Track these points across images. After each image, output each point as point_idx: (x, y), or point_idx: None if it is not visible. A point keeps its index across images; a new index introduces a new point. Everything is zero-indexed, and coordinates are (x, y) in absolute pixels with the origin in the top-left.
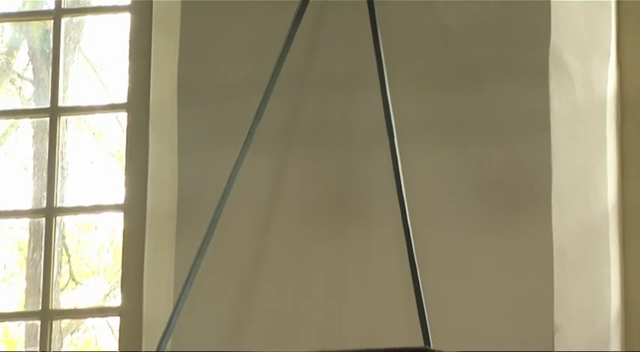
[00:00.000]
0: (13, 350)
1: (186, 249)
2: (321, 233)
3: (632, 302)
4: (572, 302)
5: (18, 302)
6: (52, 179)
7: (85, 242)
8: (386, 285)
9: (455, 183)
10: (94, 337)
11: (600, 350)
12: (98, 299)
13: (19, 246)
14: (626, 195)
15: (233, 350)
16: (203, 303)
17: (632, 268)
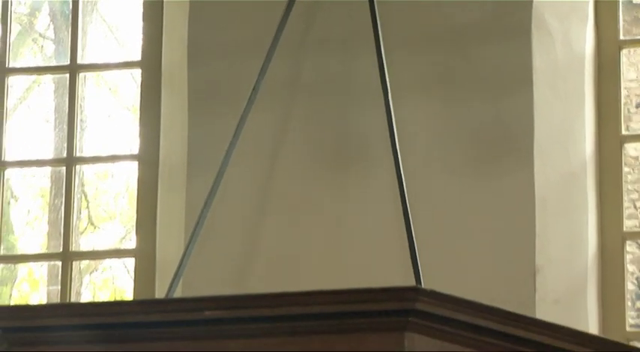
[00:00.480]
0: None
1: (196, 196)
2: (321, 181)
3: (607, 245)
4: (552, 245)
5: (41, 245)
6: (72, 131)
7: (103, 189)
8: (381, 229)
9: (444, 135)
10: (111, 277)
11: (578, 292)
12: (115, 242)
13: (42, 193)
14: (603, 146)
15: (240, 290)
16: (212, 246)
17: (607, 213)
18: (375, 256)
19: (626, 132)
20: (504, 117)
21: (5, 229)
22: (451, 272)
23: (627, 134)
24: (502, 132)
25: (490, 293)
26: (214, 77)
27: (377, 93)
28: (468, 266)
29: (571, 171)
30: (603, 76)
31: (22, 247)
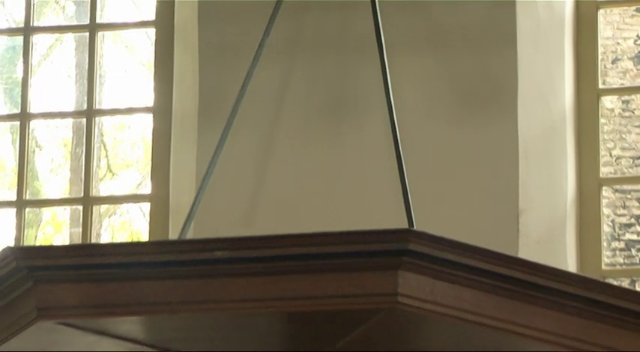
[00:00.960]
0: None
1: (207, 144)
2: (320, 130)
3: (585, 190)
4: (534, 190)
5: (63, 190)
6: (92, 85)
7: (120, 139)
8: (375, 174)
9: (435, 89)
10: (129, 220)
11: (558, 233)
12: (131, 188)
13: (64, 143)
14: (581, 99)
15: (247, 232)
16: (221, 191)
17: (585, 161)
18: (370, 200)
19: (602, 86)
20: (491, 72)
21: (30, 176)
22: (440, 215)
23: (604, 88)
24: (489, 87)
25: (477, 235)
26: (223, 35)
27: (372, 51)
28: (457, 210)
29: (552, 122)
30: (582, 35)
31: (46, 192)
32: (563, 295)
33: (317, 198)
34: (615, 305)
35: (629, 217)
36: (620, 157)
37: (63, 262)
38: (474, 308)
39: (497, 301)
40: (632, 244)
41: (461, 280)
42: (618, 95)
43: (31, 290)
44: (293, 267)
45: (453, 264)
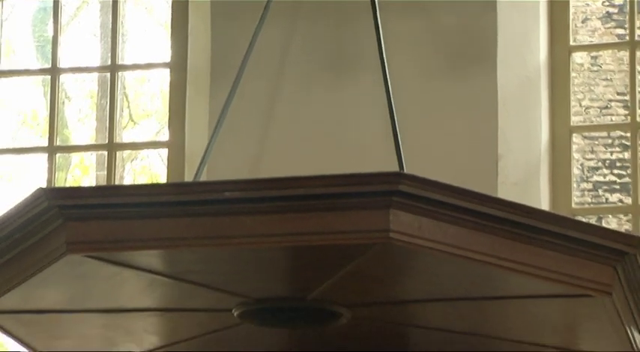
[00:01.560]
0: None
1: (219, 96)
2: (321, 83)
3: (557, 137)
4: (511, 137)
5: (90, 137)
6: (115, 43)
7: (140, 91)
8: (370, 123)
9: (423, 47)
10: (148, 164)
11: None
12: (151, 135)
13: (91, 95)
14: (554, 55)
15: (254, 174)
16: (232, 138)
17: (557, 110)
18: (365, 146)
19: (573, 43)
20: (473, 32)
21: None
22: (428, 159)
23: (574, 45)
24: (472, 45)
25: (460, 177)
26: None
27: (367, 14)
28: (442, 155)
29: (528, 75)
30: None
31: (75, 139)
32: (538, 231)
33: (317, 144)
34: (584, 240)
35: (596, 161)
36: (588, 107)
37: (90, 201)
38: (458, 243)
39: (478, 236)
40: (599, 185)
41: (446, 218)
42: (587, 51)
43: (60, 227)
44: (295, 206)
45: (439, 204)
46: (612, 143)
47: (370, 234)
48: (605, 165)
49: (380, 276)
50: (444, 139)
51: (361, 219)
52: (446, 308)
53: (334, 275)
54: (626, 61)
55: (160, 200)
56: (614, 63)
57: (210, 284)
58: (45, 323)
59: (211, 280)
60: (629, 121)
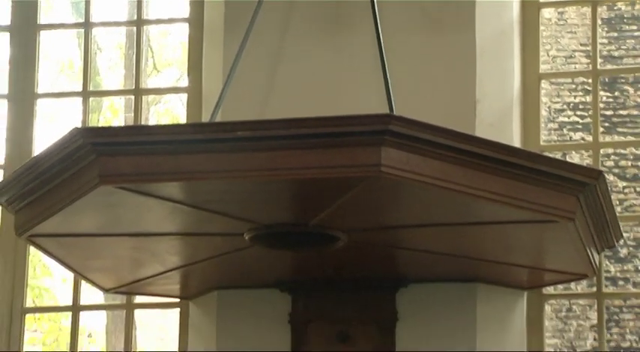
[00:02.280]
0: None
1: (232, 48)
2: (322, 36)
3: (528, 83)
4: (488, 83)
5: (119, 83)
6: (140, 0)
7: (163, 43)
8: (365, 71)
9: (410, 5)
10: (170, 107)
11: (507, 117)
12: (172, 82)
13: (119, 46)
14: (526, 11)
15: (263, 116)
16: (243, 85)
17: (528, 60)
18: (360, 91)
19: (542, 0)
20: None
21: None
22: (414, 103)
23: (543, 2)
24: (453, 3)
25: (443, 119)
26: None
27: None
28: (427, 99)
29: (502, 29)
30: None
31: (106, 85)
32: (511, 165)
33: (319, 89)
34: (550, 173)
35: (562, 104)
36: (555, 57)
37: (119, 139)
38: (442, 176)
39: (459, 170)
40: (563, 125)
41: (431, 154)
42: (555, 7)
43: (94, 162)
44: (298, 144)
45: (425, 142)
46: (576, 88)
47: (364, 168)
48: (570, 107)
49: (373, 205)
50: (429, 85)
51: (356, 155)
52: (430, 233)
53: (333, 204)
54: (588, 16)
55: (181, 138)
56: (577, 17)
57: (224, 212)
58: (80, 245)
59: (225, 208)
60: (590, 69)
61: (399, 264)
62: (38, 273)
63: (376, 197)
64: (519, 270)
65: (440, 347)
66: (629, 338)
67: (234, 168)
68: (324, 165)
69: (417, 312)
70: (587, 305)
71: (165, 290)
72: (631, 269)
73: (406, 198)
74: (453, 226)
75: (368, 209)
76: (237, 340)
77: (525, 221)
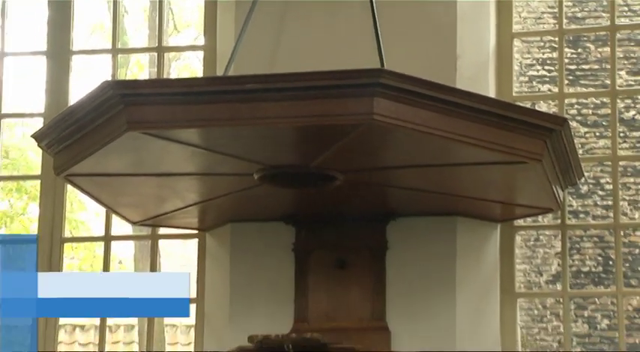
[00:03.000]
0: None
1: (243, 10)
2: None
3: (502, 41)
4: (467, 41)
5: (144, 42)
6: None
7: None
8: (359, 31)
9: None
10: (189, 63)
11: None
12: (190, 41)
13: (144, 9)
14: None
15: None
16: (253, 43)
17: (502, 20)
18: (356, 49)
19: None
20: None
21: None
22: (402, 59)
23: None
24: None
25: (427, 73)
26: None
27: None
28: (414, 55)
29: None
30: None
31: (132, 43)
32: (487, 113)
33: (320, 47)
34: (522, 120)
35: (532, 60)
36: (526, 18)
37: (144, 91)
38: (426, 123)
39: (442, 118)
40: (533, 78)
41: (417, 104)
42: None
43: (122, 111)
44: (301, 95)
45: (411, 93)
46: (544, 45)
47: (358, 117)
48: (538, 62)
49: (366, 149)
50: (416, 44)
51: (351, 105)
52: (416, 173)
53: (331, 148)
54: None
55: (198, 90)
56: None
57: (236, 155)
58: (111, 184)
59: (237, 151)
60: (557, 28)
61: (389, 200)
62: (75, 208)
63: (369, 142)
64: (493, 205)
65: (424, 271)
66: (588, 263)
67: (244, 116)
68: (323, 113)
69: (405, 242)
70: (552, 235)
71: (185, 223)
72: (591, 203)
73: (395, 142)
74: (436, 167)
75: (362, 152)
76: (248, 266)
77: (499, 162)
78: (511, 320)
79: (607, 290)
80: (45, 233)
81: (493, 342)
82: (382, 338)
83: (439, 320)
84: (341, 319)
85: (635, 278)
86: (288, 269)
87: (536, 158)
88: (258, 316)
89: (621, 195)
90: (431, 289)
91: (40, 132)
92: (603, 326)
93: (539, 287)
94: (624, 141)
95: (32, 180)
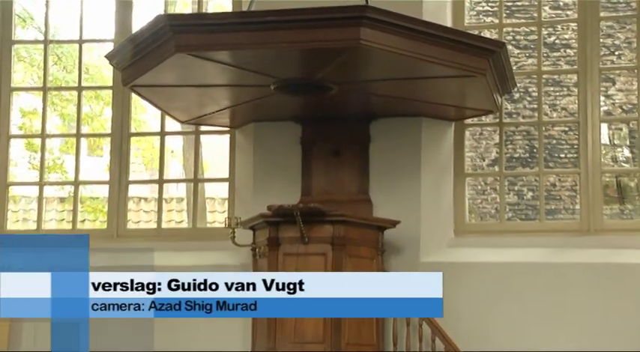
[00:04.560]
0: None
1: None
2: None
3: None
4: None
5: None
6: None
7: None
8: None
9: None
10: (221, 3)
11: (442, 7)
12: None
13: None
14: None
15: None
16: None
17: None
18: None
19: None
20: None
21: None
22: None
23: None
24: None
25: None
26: None
27: None
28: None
29: None
30: None
31: None
32: (446, 39)
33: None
34: (472, 44)
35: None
36: None
37: (188, 22)
38: (401, 47)
39: (412, 42)
40: (480, 12)
41: (394, 32)
42: None
43: (171, 38)
44: (306, 25)
45: (390, 24)
46: None
47: (349, 42)
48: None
49: (354, 66)
50: None
51: (344, 32)
52: (393, 84)
53: (329, 66)
54: None
55: (229, 21)
56: None
57: (258, 71)
58: (164, 92)
59: (258, 68)
60: None
61: (372, 105)
62: (138, 110)
63: (356, 61)
64: (449, 109)
65: (398, 158)
66: (518, 151)
67: (263, 41)
68: (322, 39)
69: (384, 136)
70: (492, 131)
71: (220, 122)
72: (521, 107)
73: (376, 61)
74: (407, 80)
75: (351, 69)
76: (267, 155)
77: (454, 76)
78: (461, 194)
79: (532, 170)
80: (116, 130)
81: (447, 209)
82: (366, 208)
83: (408, 194)
84: (335, 194)
85: (552, 161)
86: (296, 157)
87: (481, 73)
88: (274, 191)
89: (544, 101)
90: (403, 171)
91: (111, 54)
92: (528, 197)
93: (482, 169)
94: (546, 59)
95: (106, 89)
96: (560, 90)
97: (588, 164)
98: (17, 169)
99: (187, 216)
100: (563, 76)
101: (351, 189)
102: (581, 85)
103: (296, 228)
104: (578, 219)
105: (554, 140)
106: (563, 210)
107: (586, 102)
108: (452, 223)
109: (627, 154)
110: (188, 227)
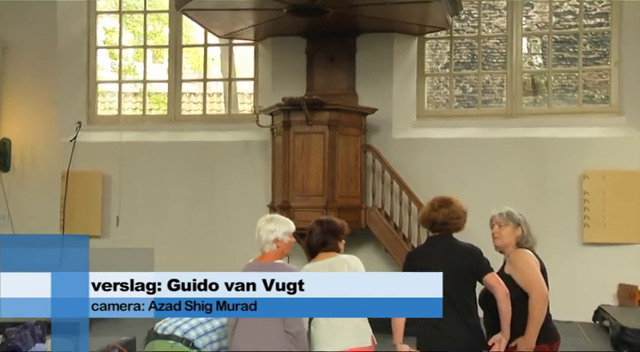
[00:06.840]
0: None
1: None
2: None
3: None
4: None
5: None
6: None
7: None
8: None
9: None
10: None
11: None
12: None
13: None
14: None
15: None
16: None
17: None
18: None
19: None
20: None
21: None
22: None
23: None
24: None
25: None
26: None
27: None
28: None
29: None
30: None
31: None
32: None
33: None
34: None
35: None
36: None
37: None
38: None
39: None
40: None
41: None
42: None
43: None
44: None
45: None
46: None
47: None
48: None
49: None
50: None
51: None
52: (374, 8)
53: None
54: None
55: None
56: None
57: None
58: (207, 14)
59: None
60: None
61: (358, 23)
62: (188, 28)
63: None
64: (414, 26)
65: (379, 63)
66: (463, 57)
67: None
68: None
69: (367, 47)
70: (445, 43)
71: (247, 37)
72: (466, 25)
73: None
74: (384, 4)
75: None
76: (281, 60)
77: (418, 1)
78: (422, 89)
79: (472, 71)
80: (172, 42)
81: (412, 100)
82: (353, 99)
83: (384, 88)
84: (331, 89)
85: (487, 65)
86: (302, 62)
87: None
88: (289, 88)
89: (482, 20)
90: (380, 72)
91: None
92: (470, 91)
93: (437, 71)
94: None
95: (163, 13)
96: (494, 12)
97: (512, 67)
98: (103, 72)
99: (224, 105)
100: (496, 1)
101: (342, 86)
102: (509, 8)
103: (303, 113)
104: (505, 106)
105: (489, 49)
106: (494, 100)
107: (512, 21)
108: (415, 110)
109: (540, 61)
110: (225, 113)
